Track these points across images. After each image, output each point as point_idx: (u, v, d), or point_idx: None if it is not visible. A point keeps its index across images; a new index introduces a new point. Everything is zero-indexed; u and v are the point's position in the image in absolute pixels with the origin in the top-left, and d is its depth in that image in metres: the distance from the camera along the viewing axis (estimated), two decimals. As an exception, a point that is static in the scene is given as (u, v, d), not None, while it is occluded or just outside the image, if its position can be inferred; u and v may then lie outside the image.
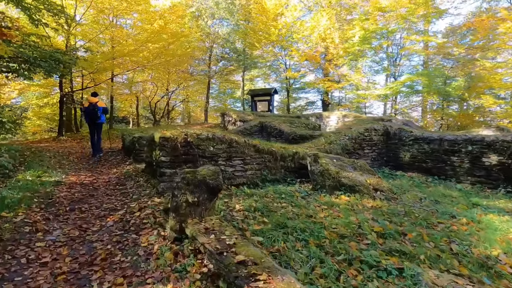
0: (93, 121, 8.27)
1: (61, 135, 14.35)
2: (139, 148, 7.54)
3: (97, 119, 8.21)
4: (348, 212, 4.02)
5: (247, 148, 5.56)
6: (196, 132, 5.05)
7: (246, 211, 4.09)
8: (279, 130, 12.65)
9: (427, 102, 24.41)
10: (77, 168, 7.26)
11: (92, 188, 5.26)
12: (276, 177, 5.94)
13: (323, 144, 6.99)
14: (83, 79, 16.32)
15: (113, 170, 6.90)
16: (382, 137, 7.96)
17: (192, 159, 5.01)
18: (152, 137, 5.18)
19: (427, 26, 22.03)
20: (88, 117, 8.36)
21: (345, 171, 5.21)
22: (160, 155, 4.77)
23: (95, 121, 8.26)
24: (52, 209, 4.05)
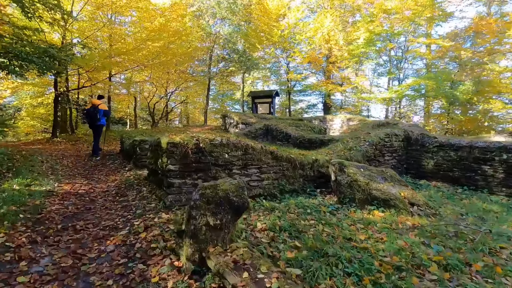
0: (93, 123, 8.29)
1: (55, 137, 13.64)
2: (140, 153, 6.91)
3: (97, 121, 8.17)
4: (391, 234, 3.43)
5: (263, 155, 4.96)
6: (208, 137, 4.44)
7: (270, 230, 3.48)
8: (286, 133, 12.08)
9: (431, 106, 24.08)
10: (71, 174, 6.59)
11: (88, 199, 4.61)
12: (294, 187, 5.34)
13: (342, 150, 6.41)
14: (79, 78, 15.63)
15: (111, 177, 6.25)
16: (402, 143, 7.41)
17: (204, 167, 4.40)
18: (158, 142, 4.56)
19: (430, 29, 21.70)
20: (88, 118, 8.43)
21: (375, 182, 4.63)
22: (167, 163, 4.15)
23: (94, 123, 8.26)
24: (41, 228, 3.40)
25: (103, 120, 8.30)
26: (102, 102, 8.48)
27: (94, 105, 8.18)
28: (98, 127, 8.43)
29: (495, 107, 16.76)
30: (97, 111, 8.09)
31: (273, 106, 23.24)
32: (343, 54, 21.39)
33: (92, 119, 8.23)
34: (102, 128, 8.62)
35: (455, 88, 17.71)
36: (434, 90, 16.87)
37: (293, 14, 23.38)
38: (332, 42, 21.63)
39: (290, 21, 23.37)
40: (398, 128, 7.70)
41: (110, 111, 8.99)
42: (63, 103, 16.82)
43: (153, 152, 5.11)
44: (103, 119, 8.29)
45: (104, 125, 8.56)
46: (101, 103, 8.34)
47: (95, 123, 8.25)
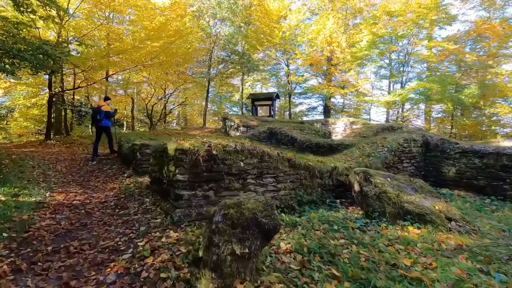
0: (95, 124, 8.40)
1: (48, 139, 13.01)
2: (141, 158, 6.38)
3: (98, 123, 8.19)
4: (439, 258, 2.95)
5: (280, 163, 4.47)
6: (221, 143, 3.94)
7: (297, 253, 2.99)
8: (291, 137, 11.61)
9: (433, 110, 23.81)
10: (65, 181, 6.03)
11: (84, 212, 4.07)
12: (312, 197, 4.86)
13: (360, 156, 5.95)
14: (75, 78, 15.04)
15: (109, 185, 5.70)
16: (420, 149, 6.97)
17: (216, 177, 3.89)
18: (164, 148, 4.05)
19: (431, 32, 21.47)
20: (92, 119, 8.62)
21: (406, 193, 4.16)
22: (175, 172, 3.64)
23: (96, 125, 8.35)
24: (27, 251, 2.87)
25: (105, 121, 8.26)
26: (106, 103, 8.50)
27: (98, 107, 8.24)
28: (101, 128, 8.40)
29: (501, 111, 16.48)
30: (99, 112, 8.11)
31: (273, 108, 22.80)
32: (345, 57, 21.04)
33: (94, 120, 8.32)
34: (108, 130, 8.61)
35: (459, 92, 17.42)
36: (439, 93, 16.53)
37: (294, 15, 23.03)
38: (335, 44, 21.27)
39: (292, 23, 23.01)
40: (416, 133, 7.26)
41: (114, 113, 9.06)
42: (58, 104, 16.20)
43: (157, 158, 4.60)
44: (105, 120, 8.25)
45: (108, 126, 8.54)
46: (104, 104, 8.37)
47: (97, 124, 8.29)
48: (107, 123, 8.40)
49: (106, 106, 8.33)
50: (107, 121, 8.38)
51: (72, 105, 17.73)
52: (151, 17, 15.45)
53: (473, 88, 17.41)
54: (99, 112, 8.13)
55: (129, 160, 7.40)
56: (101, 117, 8.11)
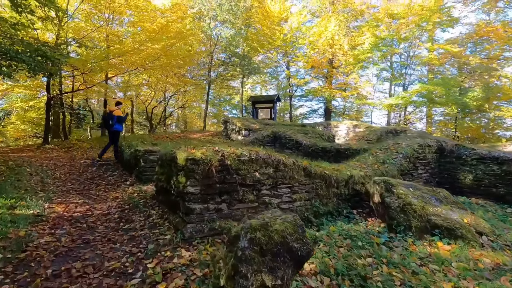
0: (107, 128, 8.63)
1: (46, 143, 12.67)
2: (144, 165, 6.08)
3: (111, 127, 8.41)
4: (480, 281, 2.68)
5: (296, 172, 4.19)
6: (235, 152, 3.66)
7: (324, 275, 2.71)
8: (296, 141, 11.35)
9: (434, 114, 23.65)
10: (64, 189, 5.72)
11: (86, 226, 3.77)
12: (328, 208, 4.58)
13: (375, 163, 5.68)
14: (74, 81, 14.73)
15: (111, 194, 5.40)
16: (435, 155, 6.72)
17: (229, 188, 3.61)
18: (173, 156, 3.76)
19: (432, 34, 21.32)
20: (104, 124, 8.77)
21: (430, 205, 3.90)
22: (186, 184, 3.35)
23: (108, 129, 8.59)
24: (24, 275, 2.57)
25: (117, 126, 8.44)
26: (117, 108, 8.64)
27: (110, 111, 8.44)
28: (113, 133, 8.62)
29: (506, 114, 16.32)
30: (111, 117, 8.32)
31: (274, 111, 22.56)
32: (347, 59, 20.86)
33: (106, 124, 8.54)
34: (118, 134, 8.79)
35: (463, 95, 17.24)
36: (444, 96, 16.34)
37: (295, 17, 22.87)
38: (337, 46, 21.09)
39: (293, 25, 22.85)
40: (430, 138, 7.00)
41: (125, 117, 9.39)
42: (56, 107, 15.89)
43: (163, 167, 4.31)
44: (117, 125, 8.44)
45: (119, 131, 8.70)
46: (116, 109, 8.54)
47: (109, 129, 8.53)
48: (119, 127, 8.58)
49: (117, 111, 8.50)
50: (119, 126, 8.56)
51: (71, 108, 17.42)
52: (152, 19, 15.20)
53: (477, 91, 17.24)
54: (111, 117, 8.31)
55: (131, 166, 7.10)
56: (113, 122, 8.30)
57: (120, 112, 8.56)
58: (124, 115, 9.00)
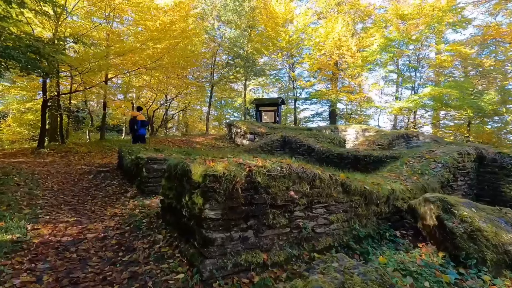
0: (132, 133, 9.09)
1: (42, 147, 11.95)
2: (147, 175, 5.33)
3: (136, 132, 8.84)
4: None
5: (333, 188, 3.45)
6: (264, 165, 2.92)
7: None
8: (308, 146, 10.61)
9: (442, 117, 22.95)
10: (55, 203, 4.97)
11: (76, 258, 3.01)
12: (368, 230, 3.83)
13: (413, 175, 4.93)
14: (72, 82, 14.01)
15: (109, 210, 4.64)
16: (474, 164, 5.99)
17: (257, 211, 2.86)
18: (185, 170, 3.02)
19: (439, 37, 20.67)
20: (130, 129, 9.25)
21: (502, 230, 3.15)
22: (204, 207, 2.61)
23: (134, 134, 8.99)
24: None
25: (141, 130, 8.89)
26: (140, 113, 9.05)
27: (134, 117, 8.84)
28: (138, 137, 9.02)
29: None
30: (136, 122, 8.71)
31: (278, 114, 21.87)
32: (355, 61, 20.19)
33: (132, 129, 8.99)
34: (143, 138, 9.17)
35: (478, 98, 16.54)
36: (458, 99, 15.63)
37: (301, 18, 22.25)
38: (344, 48, 20.44)
39: (299, 26, 22.22)
40: (468, 145, 6.26)
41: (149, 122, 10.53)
42: (53, 109, 15.16)
43: (171, 181, 3.57)
44: (142, 129, 8.89)
45: (144, 134, 9.20)
46: (139, 114, 8.95)
47: (134, 133, 8.94)
48: (143, 131, 9.04)
49: (141, 116, 8.95)
50: (143, 130, 9.03)
51: (69, 111, 16.68)
52: (154, 18, 14.54)
53: (492, 94, 16.56)
54: (135, 122, 8.73)
55: (131, 175, 6.36)
56: (138, 127, 8.75)
57: (144, 117, 9.07)
58: (147, 120, 9.65)
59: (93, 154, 12.26)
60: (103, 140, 15.91)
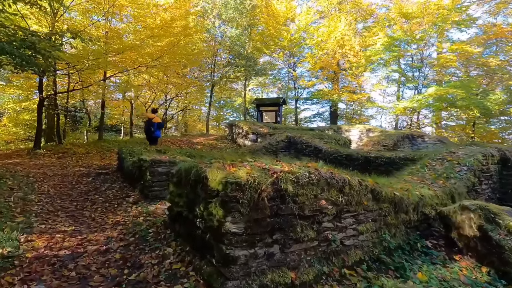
0: (148, 135, 9.17)
1: (38, 148, 11.51)
2: (151, 179, 4.96)
3: (152, 134, 8.95)
4: None
5: (363, 195, 3.10)
6: (291, 170, 2.56)
7: None
8: (315, 147, 10.26)
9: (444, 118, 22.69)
10: (52, 210, 4.58)
11: (75, 276, 2.63)
12: (398, 241, 3.48)
13: (439, 179, 4.59)
14: (69, 81, 13.59)
15: (110, 217, 4.26)
16: (497, 167, 5.66)
17: (284, 223, 2.50)
18: (201, 176, 2.65)
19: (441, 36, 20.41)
20: (146, 130, 9.30)
21: (554, 243, 2.80)
22: (224, 220, 2.25)
23: (150, 135, 9.09)
24: None
25: (157, 132, 9.05)
26: (156, 115, 9.17)
27: (149, 119, 8.97)
28: (154, 139, 9.20)
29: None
30: (152, 124, 8.81)
31: (280, 114, 21.54)
32: (359, 60, 19.87)
33: (147, 131, 9.09)
34: (157, 139, 9.39)
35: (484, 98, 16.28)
36: (464, 99, 15.35)
37: (303, 16, 21.92)
38: (347, 47, 20.12)
39: (300, 24, 21.89)
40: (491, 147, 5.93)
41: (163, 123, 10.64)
42: (50, 108, 14.72)
43: (181, 187, 3.20)
44: (158, 131, 9.04)
45: (159, 137, 9.47)
46: (155, 116, 9.04)
47: (151, 135, 9.07)
48: (158, 133, 9.21)
49: (157, 118, 9.03)
50: (159, 132, 9.17)
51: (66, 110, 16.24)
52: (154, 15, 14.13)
53: (498, 93, 16.31)
54: (152, 124, 8.83)
55: (133, 178, 5.97)
56: (154, 129, 8.86)
57: (159, 119, 9.16)
58: (162, 122, 9.69)
59: (92, 155, 11.85)
60: (101, 140, 15.48)
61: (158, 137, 9.32)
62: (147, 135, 9.35)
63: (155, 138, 9.20)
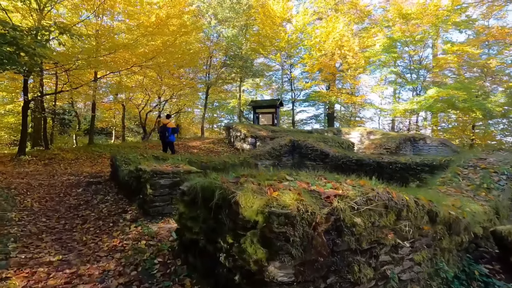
0: (163, 140, 9.45)
1: (22, 154, 10.68)
2: (153, 193, 4.31)
3: (166, 139, 9.22)
4: None
5: (420, 218, 2.54)
6: (347, 194, 1.98)
7: None
8: (321, 152, 9.73)
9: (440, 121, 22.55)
10: (35, 232, 3.89)
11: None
12: (453, 268, 2.94)
13: (477, 189, 4.09)
14: (57, 81, 12.76)
15: (106, 241, 3.59)
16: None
17: (340, 263, 1.92)
18: (229, 201, 2.05)
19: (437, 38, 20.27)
20: (160, 136, 9.63)
21: None
22: (268, 264, 1.65)
23: (164, 140, 9.37)
24: None
25: (171, 137, 9.30)
26: (170, 121, 9.50)
27: (164, 124, 9.27)
28: (168, 144, 9.44)
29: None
30: (166, 129, 9.07)
31: (276, 116, 21.00)
32: (358, 61, 19.52)
33: (162, 137, 9.40)
34: (171, 144, 9.56)
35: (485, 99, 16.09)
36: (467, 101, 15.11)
37: (301, 17, 21.51)
38: (346, 48, 19.75)
39: (298, 25, 21.47)
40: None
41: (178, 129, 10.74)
42: (37, 111, 13.84)
43: (196, 208, 2.59)
44: (172, 136, 9.30)
45: (173, 141, 9.65)
46: (169, 122, 9.39)
47: (165, 140, 9.32)
48: (173, 138, 9.46)
49: (171, 123, 9.36)
50: (173, 137, 9.42)
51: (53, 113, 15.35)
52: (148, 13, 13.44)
53: (499, 95, 16.15)
54: (166, 129, 9.09)
55: (130, 190, 5.31)
56: (169, 134, 9.10)
57: (174, 125, 9.54)
58: (177, 127, 10.00)
59: (81, 161, 11.07)
60: (92, 145, 14.65)
61: (172, 141, 9.51)
62: (162, 140, 9.65)
63: (169, 142, 9.43)
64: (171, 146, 9.63)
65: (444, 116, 21.40)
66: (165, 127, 9.22)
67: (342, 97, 21.01)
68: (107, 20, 13.71)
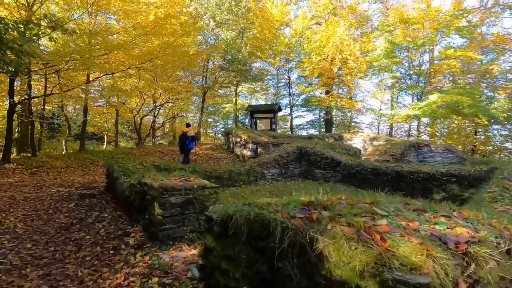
0: (182, 147, 9.62)
1: (7, 162, 9.81)
2: (163, 214, 3.61)
3: (186, 147, 9.44)
4: None
5: None
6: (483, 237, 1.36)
7: None
8: (332, 159, 9.16)
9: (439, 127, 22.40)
10: (17, 265, 3.15)
11: None
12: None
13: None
14: (47, 83, 11.91)
15: (107, 277, 2.89)
16: None
17: None
18: (300, 244, 1.41)
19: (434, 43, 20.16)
20: (179, 143, 9.79)
21: None
22: None
23: (184, 148, 9.55)
24: None
25: (191, 145, 9.50)
26: (189, 129, 9.65)
27: (184, 133, 9.49)
28: (187, 151, 9.62)
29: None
30: (186, 137, 9.33)
31: (275, 122, 20.43)
32: (359, 66, 19.18)
33: (182, 144, 9.56)
34: (189, 151, 9.76)
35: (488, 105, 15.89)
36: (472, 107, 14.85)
37: (300, 21, 21.17)
38: (346, 52, 19.42)
39: (297, 28, 21.11)
40: None
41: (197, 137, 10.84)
42: (24, 115, 12.93)
43: (235, 245, 1.94)
44: (191, 144, 9.49)
45: (192, 149, 9.82)
46: (189, 130, 9.57)
47: (184, 148, 9.52)
48: (192, 146, 9.63)
49: (191, 131, 9.53)
50: (192, 144, 9.61)
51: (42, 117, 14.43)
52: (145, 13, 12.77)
53: (502, 101, 15.97)
54: (186, 137, 9.33)
55: (131, 206, 4.60)
56: (189, 141, 9.33)
57: (193, 133, 9.66)
58: (196, 135, 10.18)
59: (72, 170, 10.24)
60: (83, 151, 13.78)
61: (191, 149, 9.75)
62: (181, 148, 9.78)
63: (188, 150, 9.63)
64: (188, 154, 9.78)
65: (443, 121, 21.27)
66: (185, 135, 9.46)
67: (342, 102, 20.62)
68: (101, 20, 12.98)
